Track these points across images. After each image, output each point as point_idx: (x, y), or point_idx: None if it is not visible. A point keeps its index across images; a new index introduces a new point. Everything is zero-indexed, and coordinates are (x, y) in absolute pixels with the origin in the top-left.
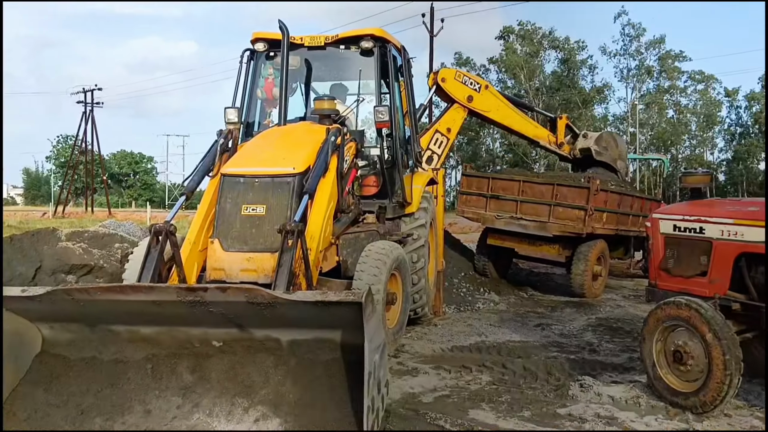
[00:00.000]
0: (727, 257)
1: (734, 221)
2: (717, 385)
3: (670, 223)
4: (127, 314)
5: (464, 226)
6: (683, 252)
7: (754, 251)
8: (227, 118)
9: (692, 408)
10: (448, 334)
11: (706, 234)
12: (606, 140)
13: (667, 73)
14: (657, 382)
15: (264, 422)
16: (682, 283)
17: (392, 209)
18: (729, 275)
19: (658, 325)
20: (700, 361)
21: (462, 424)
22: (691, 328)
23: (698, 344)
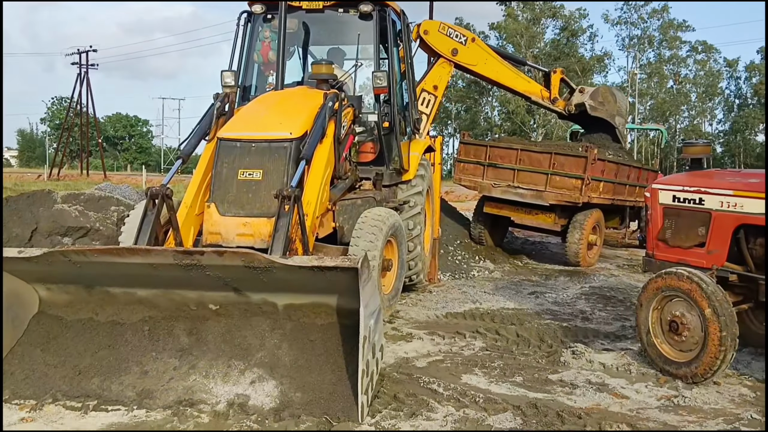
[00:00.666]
0: (726, 228)
1: (734, 192)
2: (711, 359)
3: (669, 194)
4: (123, 277)
5: (461, 194)
6: (682, 223)
7: (753, 223)
8: (224, 82)
9: (683, 377)
10: (442, 301)
11: (705, 205)
12: (603, 95)
13: (668, 43)
14: (650, 348)
15: (260, 384)
16: (679, 253)
17: (389, 176)
18: (727, 246)
19: (657, 294)
20: (695, 333)
21: (455, 388)
22: (690, 300)
23: (696, 317)
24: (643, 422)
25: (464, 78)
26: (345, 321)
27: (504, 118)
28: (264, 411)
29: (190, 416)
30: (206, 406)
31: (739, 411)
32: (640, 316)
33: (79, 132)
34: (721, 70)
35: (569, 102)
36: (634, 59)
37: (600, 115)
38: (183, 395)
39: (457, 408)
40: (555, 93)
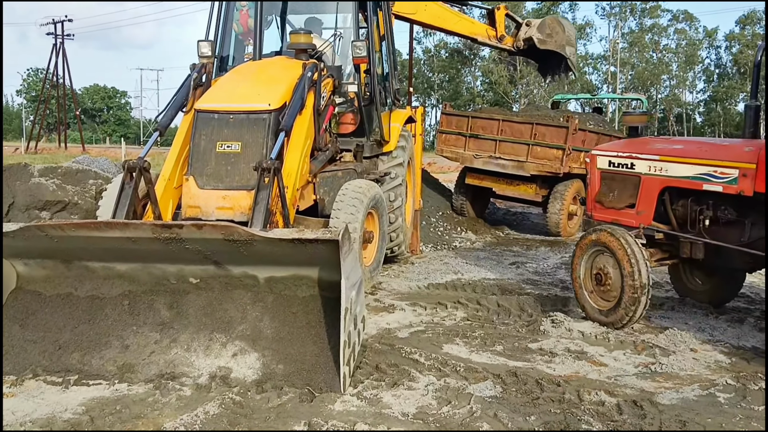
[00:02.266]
0: (653, 191)
1: (660, 158)
2: (626, 306)
3: (606, 159)
4: (102, 251)
5: (443, 166)
6: (616, 186)
7: (676, 185)
8: (200, 52)
9: (606, 324)
10: (424, 272)
11: (635, 169)
12: (550, 26)
13: (650, 12)
14: (582, 299)
15: (242, 356)
16: (614, 214)
17: (370, 148)
18: (653, 207)
19: (587, 249)
20: (616, 283)
21: (436, 357)
22: (611, 253)
23: (616, 269)
24: (621, 389)
25: (447, 48)
26: (326, 293)
27: (486, 88)
28: (246, 383)
29: (172, 389)
30: (188, 379)
31: (714, 377)
32: (574, 270)
33: (56, 104)
34: (701, 39)
35: (517, 38)
36: (615, 28)
37: (549, 47)
38: (164, 369)
39: (438, 377)
40: (501, 30)
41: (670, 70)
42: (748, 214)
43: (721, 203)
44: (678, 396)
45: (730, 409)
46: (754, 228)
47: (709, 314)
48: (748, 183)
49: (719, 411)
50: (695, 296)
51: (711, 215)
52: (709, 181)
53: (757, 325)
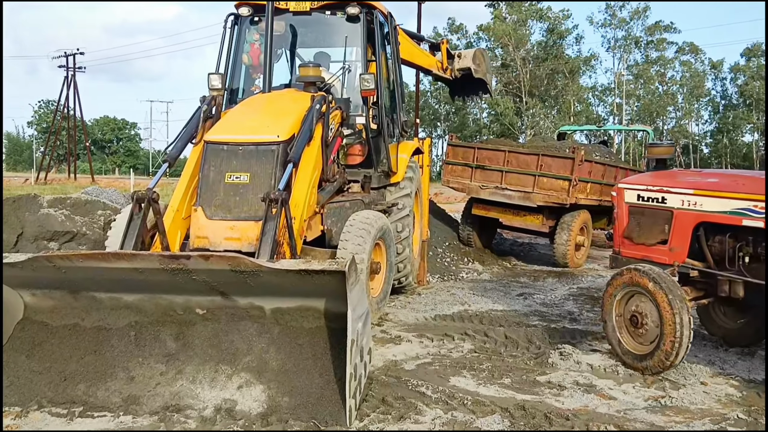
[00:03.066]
0: (687, 226)
1: (694, 192)
2: (666, 351)
3: (634, 193)
4: (109, 281)
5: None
6: (646, 221)
7: (711, 221)
8: (211, 84)
9: (642, 369)
10: (431, 303)
11: (667, 204)
12: (479, 57)
13: (655, 45)
14: (614, 342)
15: (247, 389)
16: (644, 250)
17: (377, 178)
18: (688, 243)
19: (620, 290)
20: (654, 327)
21: (443, 390)
22: (648, 295)
23: (654, 311)
24: (631, 423)
25: None
26: (333, 324)
27: (493, 119)
28: (251, 416)
29: (177, 422)
30: (193, 412)
31: (725, 411)
32: (605, 311)
33: (67, 135)
34: (706, 71)
35: (453, 68)
36: (620, 60)
37: (480, 76)
38: (170, 401)
39: (446, 410)
40: (445, 63)
41: (676, 102)
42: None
43: (761, 239)
44: (689, 430)
45: None
46: None
47: (719, 347)
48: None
49: None
50: (729, 335)
51: (750, 251)
52: (749, 216)
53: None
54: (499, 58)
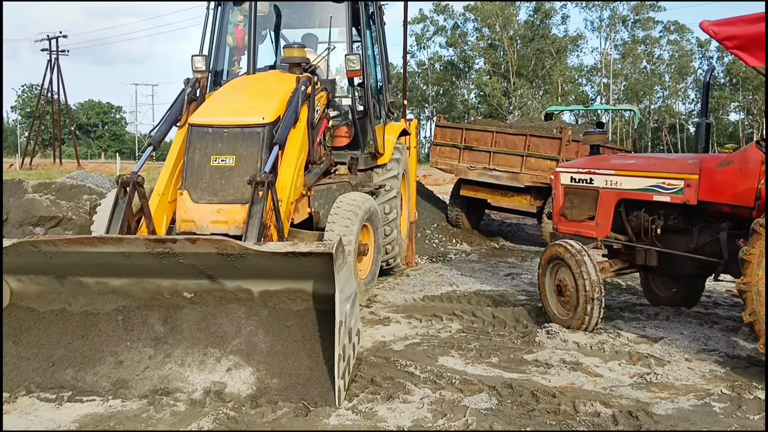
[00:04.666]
0: (610, 203)
1: (615, 172)
2: (581, 315)
3: (568, 175)
4: (96, 266)
5: (438, 178)
6: (577, 200)
7: (629, 197)
8: (194, 67)
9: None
10: (419, 284)
11: (594, 184)
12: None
13: (642, 23)
14: (547, 307)
15: (236, 371)
16: (576, 226)
17: (364, 160)
18: (611, 219)
19: (548, 262)
20: (573, 293)
21: (431, 370)
22: (567, 266)
23: (572, 280)
24: (616, 399)
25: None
26: (321, 306)
27: (480, 101)
28: (241, 398)
29: (166, 405)
30: (182, 395)
31: (709, 386)
32: (540, 281)
33: (51, 120)
34: (693, 50)
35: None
36: (606, 39)
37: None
38: (159, 384)
39: (434, 390)
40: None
41: (663, 81)
42: (695, 222)
43: (670, 212)
44: (673, 406)
45: (725, 418)
46: (701, 235)
47: (704, 324)
48: (692, 193)
49: (715, 421)
50: (665, 303)
51: (662, 224)
52: (658, 192)
53: (751, 334)
54: (486, 39)
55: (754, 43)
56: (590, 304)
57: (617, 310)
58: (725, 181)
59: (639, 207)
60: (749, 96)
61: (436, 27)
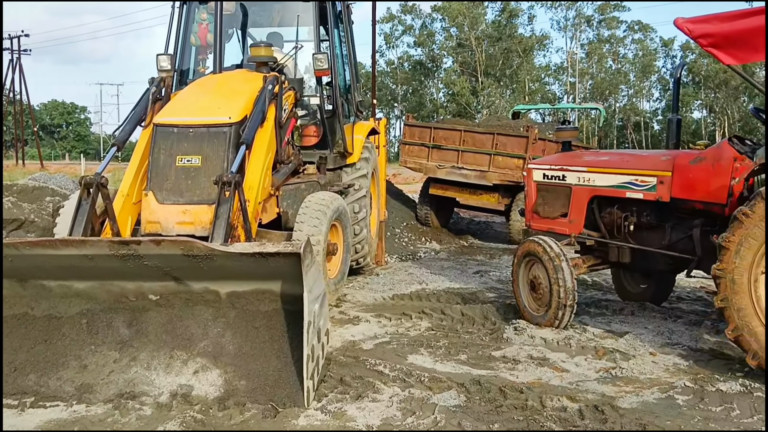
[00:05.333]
0: (583, 200)
1: (587, 169)
2: (554, 311)
3: (540, 172)
4: (59, 269)
5: (407, 177)
6: (550, 197)
7: (602, 194)
8: (160, 66)
9: (542, 326)
10: (389, 283)
11: (567, 181)
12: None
13: (607, 23)
14: (521, 304)
15: (203, 373)
16: (549, 223)
17: (333, 159)
18: (584, 216)
19: (522, 259)
20: (546, 290)
21: (400, 368)
22: (541, 262)
23: (546, 276)
24: (583, 394)
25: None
26: (290, 307)
27: (449, 99)
28: (208, 400)
29: (132, 409)
30: (148, 398)
31: (673, 380)
32: (514, 271)
33: (13, 121)
34: (657, 49)
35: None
36: (572, 39)
37: None
38: (124, 388)
39: (403, 388)
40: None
41: (628, 80)
42: (668, 219)
43: (642, 209)
44: (638, 399)
45: (688, 411)
46: (673, 231)
47: (668, 318)
48: (665, 189)
49: (678, 413)
50: (635, 298)
51: (635, 221)
52: (631, 188)
53: (714, 328)
54: (454, 38)
55: (729, 41)
56: (562, 310)
57: (583, 305)
58: (698, 178)
59: (612, 204)
60: (711, 94)
61: (404, 26)
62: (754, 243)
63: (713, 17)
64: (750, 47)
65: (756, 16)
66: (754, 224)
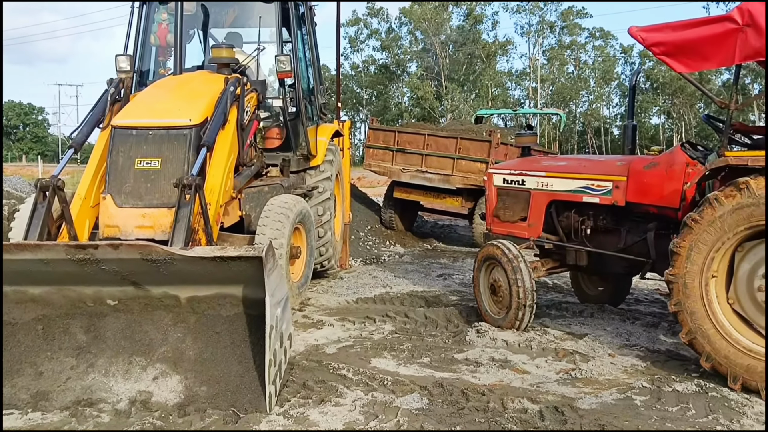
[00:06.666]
0: (541, 204)
1: (546, 174)
2: (514, 312)
3: (500, 177)
4: (14, 274)
5: (372, 180)
6: (510, 201)
7: (560, 198)
8: (118, 67)
9: (503, 328)
10: (353, 287)
11: (526, 185)
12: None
13: (569, 29)
14: (481, 307)
15: (163, 380)
16: (509, 227)
17: (296, 162)
18: (543, 219)
19: (483, 262)
20: (506, 292)
21: (364, 372)
22: (500, 265)
23: (505, 279)
24: (543, 396)
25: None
26: (252, 311)
27: (414, 103)
28: (168, 407)
29: (90, 416)
30: (106, 405)
31: (631, 380)
32: (475, 276)
33: None
34: (617, 56)
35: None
36: (534, 45)
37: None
38: (81, 395)
39: (366, 392)
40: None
41: (589, 86)
42: (623, 223)
43: (599, 213)
44: (597, 400)
45: (645, 411)
46: (629, 235)
47: (626, 320)
48: (621, 194)
49: (636, 413)
50: (593, 300)
51: (591, 225)
52: (588, 193)
53: (670, 329)
54: (420, 43)
55: (680, 50)
56: (522, 311)
57: (544, 308)
58: (652, 183)
59: (569, 208)
60: (668, 100)
61: (370, 30)
62: (703, 247)
63: (666, 26)
64: (700, 56)
65: (706, 26)
66: (703, 229)
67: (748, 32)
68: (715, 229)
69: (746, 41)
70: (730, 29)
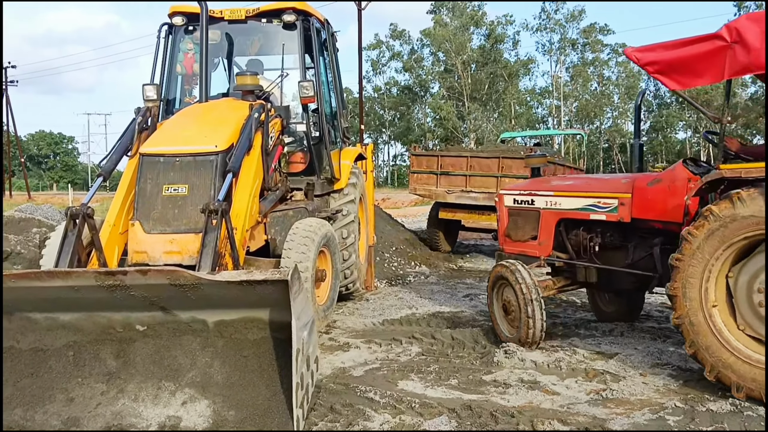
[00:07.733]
0: (551, 223)
1: (554, 193)
2: (525, 331)
3: (511, 197)
4: (44, 301)
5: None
6: (521, 221)
7: (568, 217)
8: (145, 95)
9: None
10: (379, 308)
11: (535, 205)
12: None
13: (591, 46)
14: (496, 326)
15: (192, 404)
16: (520, 246)
17: (320, 186)
18: (552, 238)
19: (495, 283)
20: (517, 311)
21: (391, 395)
22: (510, 285)
23: (515, 298)
24: (574, 417)
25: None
26: (278, 335)
27: (436, 123)
28: (197, 431)
29: None
30: (136, 431)
31: (663, 400)
32: (489, 301)
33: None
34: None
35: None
36: (557, 63)
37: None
38: (111, 420)
39: (394, 415)
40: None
41: (612, 102)
42: (630, 239)
43: (606, 230)
44: (629, 421)
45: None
46: (635, 251)
47: (657, 338)
48: (626, 210)
49: None
50: (609, 318)
51: (599, 242)
52: (595, 211)
53: None
54: (441, 64)
55: (673, 68)
56: (530, 306)
57: (573, 327)
58: (655, 199)
59: (578, 226)
60: (694, 115)
61: (392, 52)
62: (701, 260)
63: (658, 46)
64: (692, 73)
65: (697, 44)
66: (699, 242)
67: (737, 49)
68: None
69: (735, 58)
70: (719, 46)
